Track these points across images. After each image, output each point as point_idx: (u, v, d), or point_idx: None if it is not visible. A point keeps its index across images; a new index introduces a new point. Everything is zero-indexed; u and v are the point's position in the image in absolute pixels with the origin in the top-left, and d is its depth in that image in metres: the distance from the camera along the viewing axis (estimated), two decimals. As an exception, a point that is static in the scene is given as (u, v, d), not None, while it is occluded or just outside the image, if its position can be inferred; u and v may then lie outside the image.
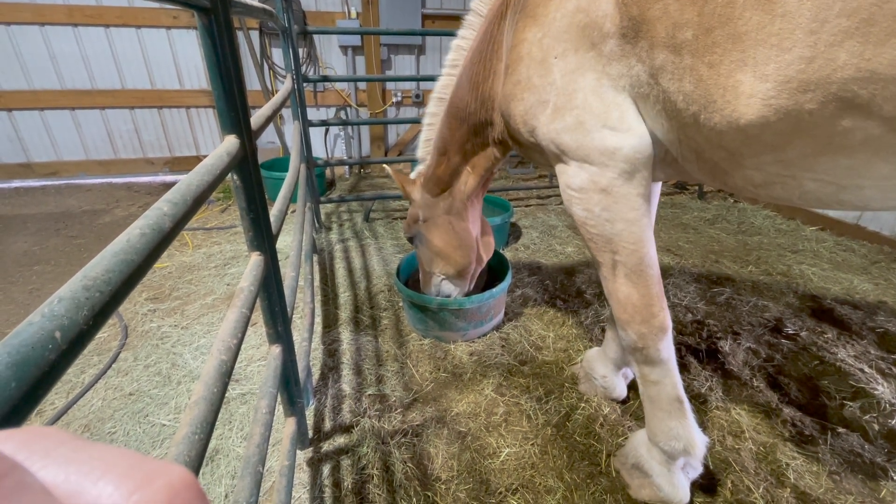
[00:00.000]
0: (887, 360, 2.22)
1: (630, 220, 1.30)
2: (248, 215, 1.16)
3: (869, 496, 1.60)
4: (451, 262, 2.21)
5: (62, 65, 4.59)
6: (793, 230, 3.88)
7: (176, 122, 5.14)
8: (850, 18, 0.79)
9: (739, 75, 0.94)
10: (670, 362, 1.43)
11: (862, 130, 0.86)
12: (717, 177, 1.22)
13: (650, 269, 1.35)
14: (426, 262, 2.28)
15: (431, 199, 2.13)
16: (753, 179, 1.12)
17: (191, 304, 2.74)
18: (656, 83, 1.12)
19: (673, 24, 1.03)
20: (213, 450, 1.76)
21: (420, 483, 1.63)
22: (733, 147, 1.06)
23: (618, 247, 1.33)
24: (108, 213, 4.23)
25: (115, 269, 0.49)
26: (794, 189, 1.07)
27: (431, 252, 2.21)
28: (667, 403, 1.45)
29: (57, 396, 2.03)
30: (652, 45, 1.08)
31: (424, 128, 2.07)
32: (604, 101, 1.22)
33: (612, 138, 1.23)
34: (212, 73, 0.96)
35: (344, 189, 5.16)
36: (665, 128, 1.19)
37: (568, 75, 1.26)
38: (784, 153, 1.00)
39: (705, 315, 2.62)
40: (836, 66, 0.82)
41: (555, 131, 1.33)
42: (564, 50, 1.25)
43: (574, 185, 1.34)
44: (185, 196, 0.72)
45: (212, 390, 0.75)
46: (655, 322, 1.36)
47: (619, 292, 1.39)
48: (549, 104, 1.32)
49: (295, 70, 3.14)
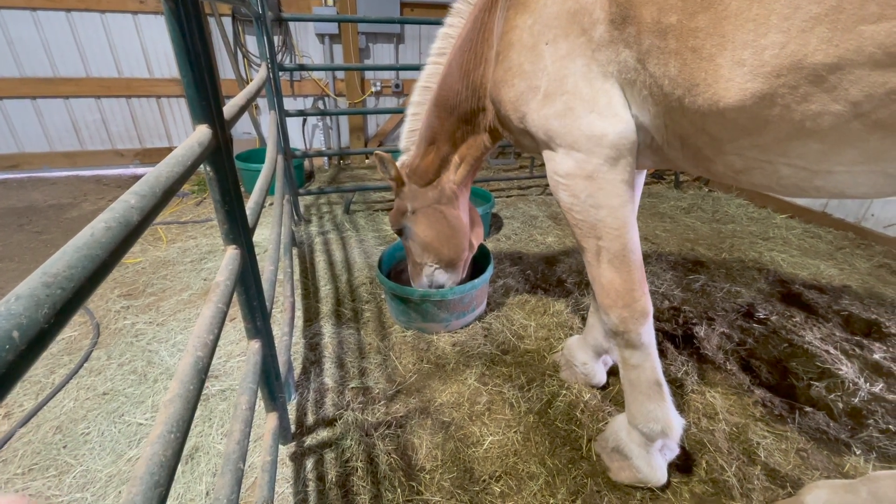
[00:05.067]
0: (851, 342, 2.33)
1: (614, 207, 1.32)
2: (223, 208, 1.12)
3: (834, 471, 1.68)
4: (444, 252, 2.18)
5: (21, 51, 4.35)
6: (764, 218, 4.01)
7: (146, 112, 4.94)
8: (820, 5, 0.81)
9: (719, 59, 0.97)
10: (650, 346, 1.46)
11: (830, 115, 0.89)
12: (700, 164, 1.25)
13: (633, 254, 1.37)
14: (417, 253, 2.24)
15: (419, 190, 2.10)
16: (734, 165, 1.15)
17: (166, 300, 2.67)
18: (643, 68, 1.13)
19: (659, 9, 1.05)
20: (192, 448, 1.72)
21: (404, 474, 1.64)
22: (715, 131, 1.08)
23: (602, 232, 1.35)
24: (76, 208, 4.06)
25: (78, 264, 0.47)
26: (772, 174, 1.10)
27: (422, 243, 2.18)
28: (646, 387, 1.49)
29: (26, 398, 1.96)
30: (639, 31, 1.10)
31: (409, 118, 2.04)
32: (592, 86, 1.24)
33: (598, 124, 1.24)
34: (180, 59, 0.92)
35: (323, 181, 5.08)
36: (651, 113, 1.21)
37: (559, 61, 1.27)
38: (760, 137, 1.02)
39: (681, 301, 2.69)
40: (808, 51, 0.85)
41: (544, 117, 1.33)
42: (555, 36, 1.26)
43: (561, 172, 1.36)
44: (153, 188, 0.69)
45: (188, 387, 0.73)
46: (637, 307, 1.40)
47: (602, 277, 1.41)
48: (540, 90, 1.33)
49: (270, 58, 3.05)
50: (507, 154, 6.01)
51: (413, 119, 2.03)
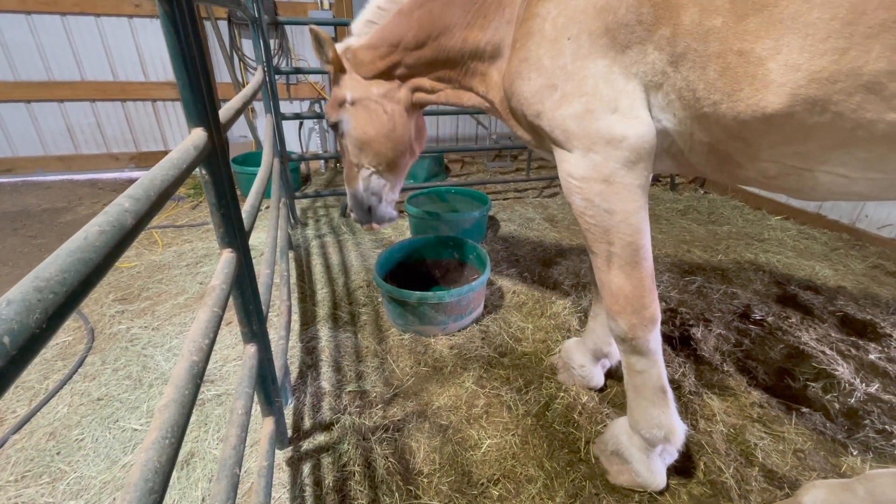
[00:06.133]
0: (846, 342, 2.34)
1: (629, 212, 1.28)
2: (219, 211, 1.12)
3: (831, 471, 1.68)
4: (384, 152, 1.94)
5: (15, 55, 4.33)
6: (759, 220, 4.03)
7: (141, 116, 4.93)
8: (889, 11, 0.80)
9: (771, 64, 0.94)
10: (657, 353, 1.44)
11: (885, 123, 0.88)
12: (726, 169, 1.21)
13: (645, 261, 1.34)
14: (353, 153, 1.99)
15: (362, 81, 1.86)
16: (768, 172, 1.12)
17: (162, 305, 2.65)
18: (675, 71, 1.10)
19: (701, 11, 1.01)
20: (188, 453, 1.71)
21: (402, 478, 1.63)
22: (753, 138, 1.05)
23: (614, 238, 1.31)
24: (70, 212, 4.04)
25: (70, 268, 0.46)
26: (808, 181, 1.08)
27: (360, 140, 1.92)
28: (651, 393, 1.47)
29: (19, 404, 1.94)
30: (675, 33, 1.06)
31: (373, 9, 1.78)
32: (614, 87, 1.19)
33: (619, 126, 1.20)
34: (175, 62, 0.92)
35: (320, 184, 5.07)
36: (677, 118, 1.17)
37: (580, 60, 1.20)
38: (804, 145, 1.00)
39: (678, 303, 2.69)
40: (869, 58, 0.83)
41: (561, 117, 1.28)
42: (579, 32, 1.19)
43: (576, 174, 1.30)
44: (148, 191, 0.68)
45: (183, 392, 0.73)
46: (646, 313, 1.37)
47: (612, 283, 1.38)
48: (558, 89, 1.26)
49: (266, 62, 3.05)
50: (503, 157, 6.02)
51: (379, 13, 1.77)
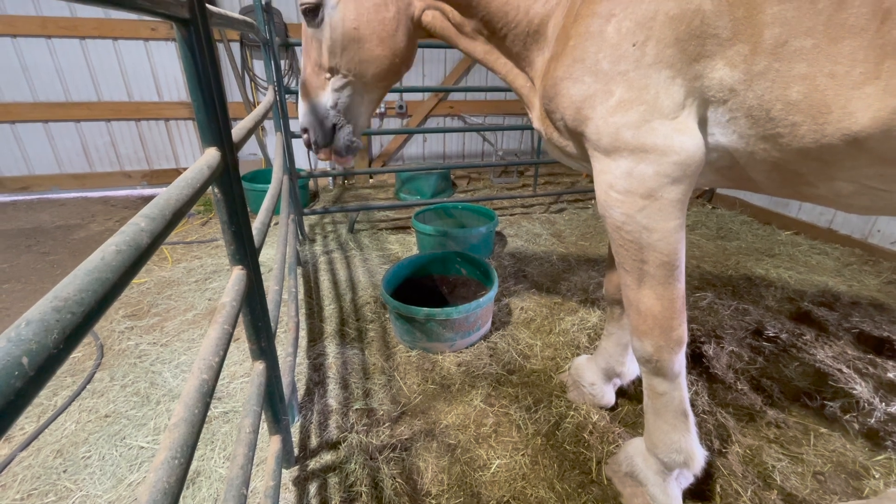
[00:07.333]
0: (864, 360, 2.28)
1: (668, 230, 1.23)
2: (230, 229, 1.13)
3: (853, 495, 1.62)
4: (373, 60, 1.56)
5: (35, 77, 4.47)
6: (768, 235, 3.99)
7: (154, 135, 5.03)
8: None
9: (868, 88, 0.91)
10: (681, 376, 1.39)
11: None
12: (791, 187, 1.18)
13: (678, 282, 1.29)
14: (328, 51, 1.56)
15: None
16: (842, 191, 1.09)
17: (170, 321, 2.66)
18: (748, 89, 1.06)
19: (788, 31, 0.97)
20: (194, 472, 1.69)
21: (410, 499, 1.60)
22: (834, 159, 1.02)
23: (649, 256, 1.25)
24: (83, 228, 4.10)
25: (88, 288, 0.47)
26: (884, 200, 1.07)
27: (346, 36, 1.51)
28: (672, 417, 1.43)
29: (27, 421, 1.94)
30: (754, 51, 1.01)
31: None
32: (673, 100, 1.14)
33: (674, 140, 1.15)
34: (191, 84, 0.94)
35: (328, 200, 5.12)
36: (737, 134, 1.13)
37: (643, 68, 1.14)
38: (892, 167, 0.98)
39: (689, 320, 2.65)
40: None
41: (615, 125, 1.20)
42: (647, 39, 1.12)
43: (618, 187, 1.23)
44: (163, 210, 0.70)
45: (193, 411, 0.73)
46: (674, 335, 1.32)
47: (641, 303, 1.32)
48: (615, 95, 1.18)
49: (277, 82, 3.12)
50: (509, 173, 6.05)
51: None
